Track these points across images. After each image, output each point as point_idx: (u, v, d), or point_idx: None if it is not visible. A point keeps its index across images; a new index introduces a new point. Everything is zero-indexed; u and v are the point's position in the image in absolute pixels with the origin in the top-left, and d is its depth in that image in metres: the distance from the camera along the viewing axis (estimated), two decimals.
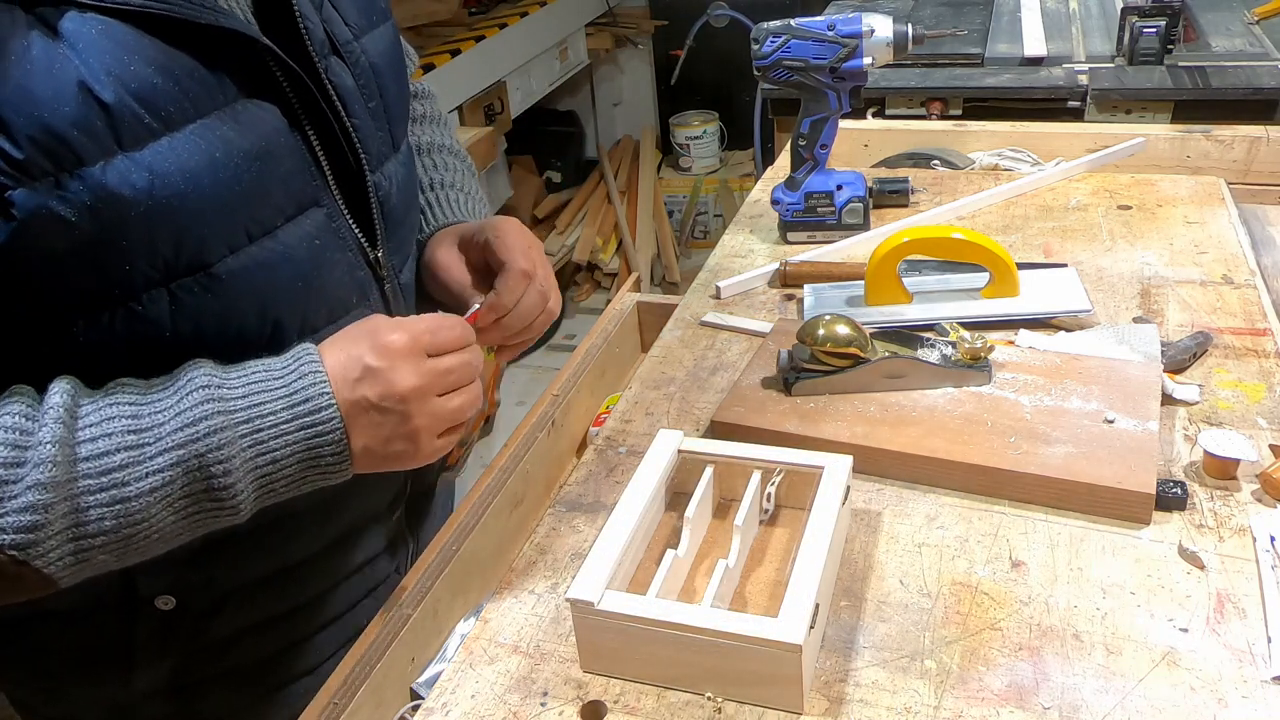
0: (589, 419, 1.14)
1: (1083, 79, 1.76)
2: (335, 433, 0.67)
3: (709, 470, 0.86)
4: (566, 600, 0.74)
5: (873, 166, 1.58)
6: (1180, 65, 1.76)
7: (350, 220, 0.77)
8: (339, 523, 0.87)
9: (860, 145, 1.61)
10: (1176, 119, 1.68)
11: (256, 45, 0.68)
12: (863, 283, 1.13)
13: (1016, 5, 2.20)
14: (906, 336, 1.01)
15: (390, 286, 0.83)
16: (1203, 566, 0.78)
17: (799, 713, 0.70)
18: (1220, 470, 0.86)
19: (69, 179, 0.60)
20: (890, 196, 1.41)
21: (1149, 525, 0.83)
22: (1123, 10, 1.85)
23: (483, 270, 0.86)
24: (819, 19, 1.23)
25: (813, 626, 0.70)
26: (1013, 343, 1.06)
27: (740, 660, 0.69)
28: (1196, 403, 0.96)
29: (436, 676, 0.78)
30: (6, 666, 0.87)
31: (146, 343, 0.67)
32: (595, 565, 0.74)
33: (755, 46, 1.25)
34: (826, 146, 1.30)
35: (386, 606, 0.82)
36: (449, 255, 0.88)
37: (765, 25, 1.24)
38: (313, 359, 0.68)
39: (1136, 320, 1.09)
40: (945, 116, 1.80)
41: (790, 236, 1.36)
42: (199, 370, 0.66)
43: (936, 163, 1.54)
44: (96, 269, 0.63)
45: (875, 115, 1.86)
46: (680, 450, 0.88)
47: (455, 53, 2.81)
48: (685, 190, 3.90)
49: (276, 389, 0.66)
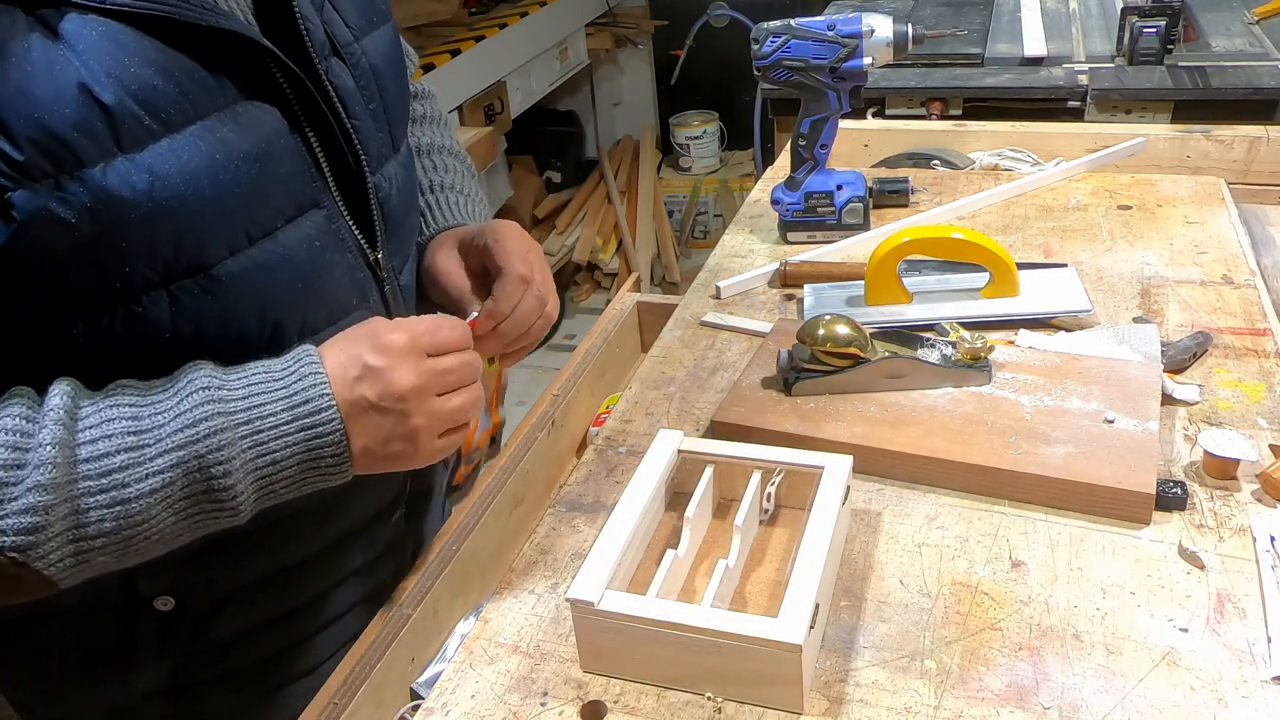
0: (589, 419, 1.14)
1: (1083, 79, 1.76)
2: (335, 434, 0.67)
3: (709, 470, 0.86)
4: (566, 600, 0.74)
5: (873, 166, 1.58)
6: (1180, 65, 1.76)
7: (350, 222, 0.77)
8: (339, 524, 0.87)
9: (860, 145, 1.61)
10: (1176, 119, 1.68)
11: (257, 47, 0.68)
12: (863, 283, 1.13)
13: (1016, 5, 2.20)
14: (906, 336, 1.01)
15: (390, 288, 0.83)
16: (1203, 566, 0.78)
17: (799, 713, 0.70)
18: (1220, 470, 0.86)
19: (69, 181, 0.60)
20: (890, 196, 1.41)
21: (1149, 525, 0.83)
22: (1123, 10, 1.85)
23: (482, 275, 0.86)
24: (819, 19, 1.24)
25: (813, 626, 0.70)
26: (1013, 343, 1.06)
27: (740, 660, 0.70)
28: (1196, 403, 0.96)
29: (436, 676, 0.78)
30: (6, 667, 0.87)
31: (146, 344, 0.67)
32: (595, 565, 0.74)
33: (755, 46, 1.25)
34: (826, 146, 1.30)
35: (386, 606, 0.82)
36: (448, 260, 0.88)
37: (765, 25, 1.24)
38: (313, 360, 0.68)
39: (1136, 320, 1.09)
40: (945, 116, 1.80)
41: (790, 236, 1.36)
42: (199, 372, 0.66)
43: (936, 163, 1.54)
44: (96, 270, 0.63)
45: (875, 115, 1.86)
46: (680, 450, 0.88)
47: (455, 53, 2.81)
48: (685, 190, 3.90)
49: (277, 390, 0.66)
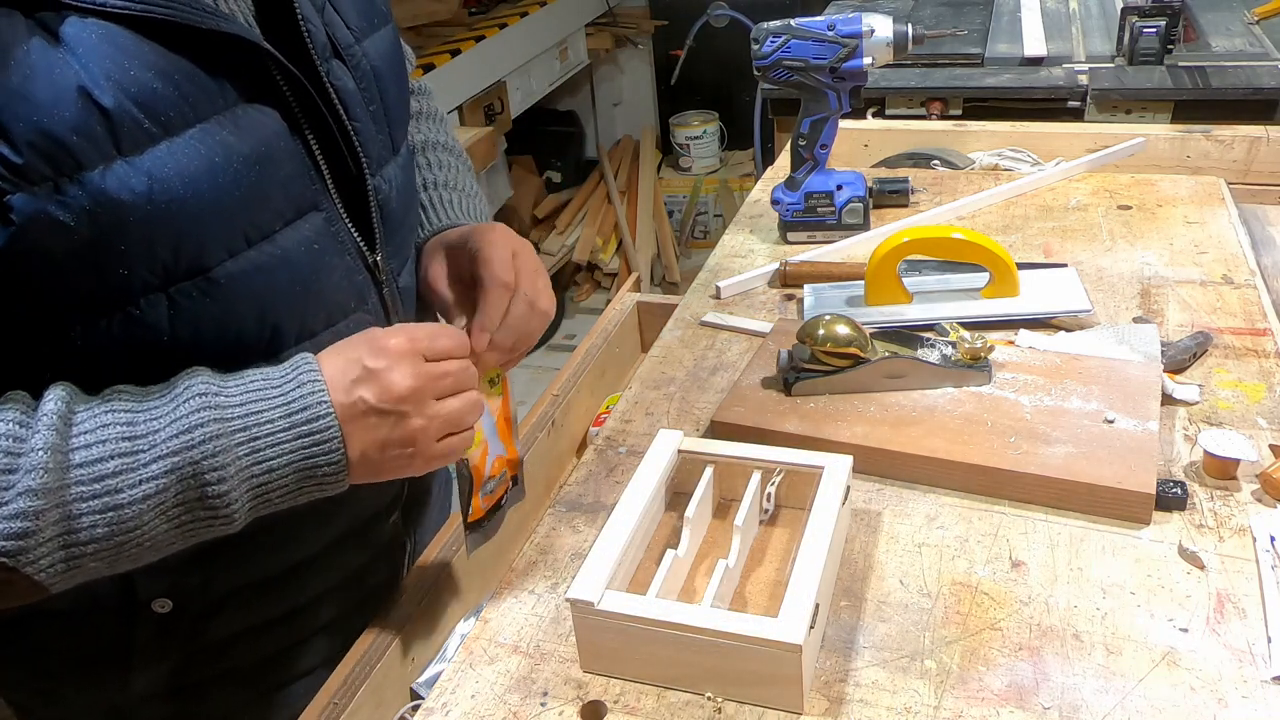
0: (589, 419, 1.14)
1: (1083, 79, 1.76)
2: (332, 441, 0.67)
3: (709, 470, 0.86)
4: (566, 600, 0.74)
5: (873, 166, 1.58)
6: (1180, 65, 1.76)
7: (349, 224, 0.77)
8: (337, 525, 0.87)
9: (860, 145, 1.61)
10: (1176, 119, 1.68)
11: (258, 50, 0.67)
12: (863, 283, 1.13)
13: (1016, 5, 2.20)
14: (906, 336, 1.01)
15: (389, 290, 0.83)
16: (1203, 566, 0.78)
17: (799, 713, 0.71)
18: (1220, 470, 0.86)
19: (68, 184, 0.60)
20: (890, 196, 1.41)
21: (1149, 525, 0.83)
22: (1123, 10, 1.85)
23: (471, 283, 0.84)
24: (819, 19, 1.24)
25: (813, 626, 0.70)
26: (1013, 343, 1.06)
27: (740, 660, 0.70)
28: (1196, 403, 0.96)
29: (436, 676, 0.78)
30: (4, 668, 0.86)
31: (145, 347, 0.67)
32: (595, 565, 0.74)
33: (755, 46, 1.25)
34: (826, 146, 1.30)
35: (386, 606, 0.82)
36: (435, 271, 0.86)
37: (765, 25, 1.25)
38: (311, 369, 0.68)
39: (1136, 320, 1.09)
40: (945, 116, 1.80)
41: (790, 236, 1.36)
42: (196, 378, 0.65)
43: (936, 163, 1.54)
44: (95, 273, 0.63)
45: (875, 115, 1.86)
46: (680, 450, 0.88)
47: (455, 53, 2.81)
48: (685, 190, 3.90)
49: (274, 398, 0.66)
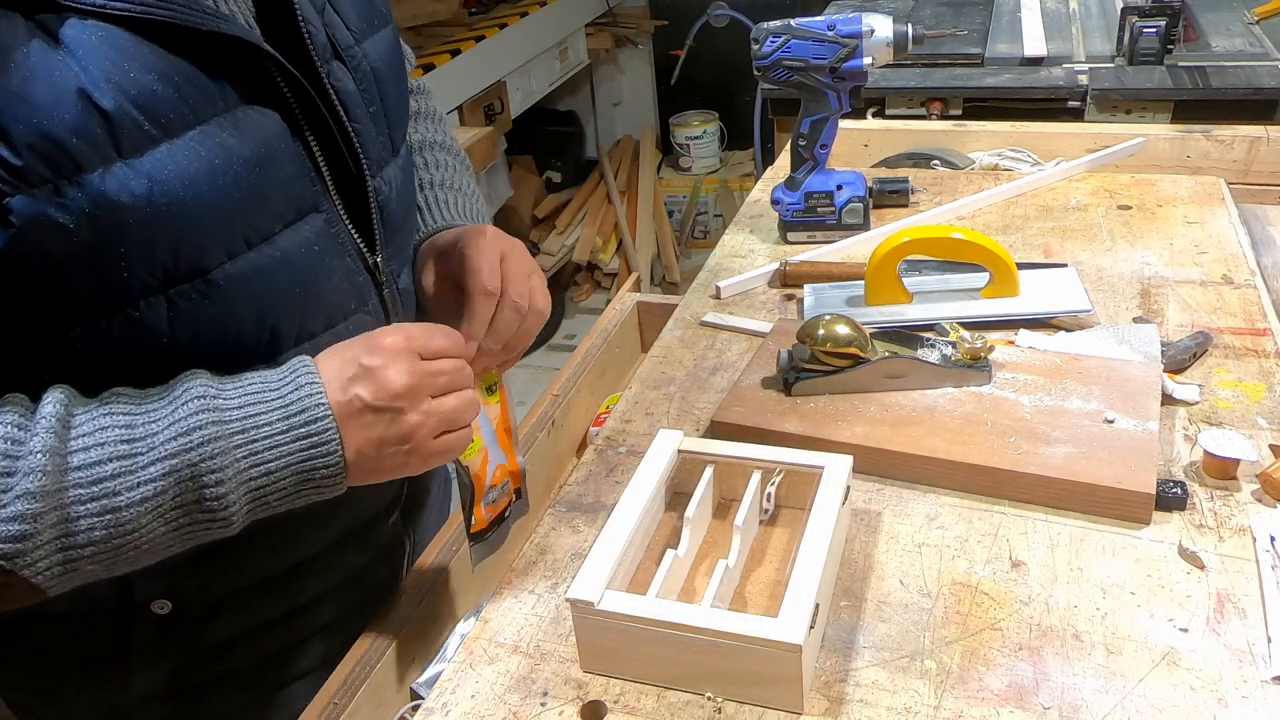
0: (589, 419, 1.14)
1: (1083, 79, 1.76)
2: (330, 444, 0.67)
3: (709, 470, 0.86)
4: (566, 600, 0.74)
5: (873, 166, 1.58)
6: (1180, 65, 1.76)
7: (349, 226, 0.77)
8: (336, 526, 0.87)
9: (860, 145, 1.61)
10: (1176, 119, 1.68)
11: (259, 51, 0.67)
12: (863, 283, 1.13)
13: (1016, 5, 2.20)
14: (906, 336, 1.01)
15: (389, 292, 0.83)
16: (1203, 566, 0.78)
17: (799, 713, 0.71)
18: (1220, 470, 0.86)
19: (68, 186, 0.60)
20: (890, 196, 1.41)
21: (1149, 525, 0.83)
22: (1123, 10, 1.85)
23: (461, 288, 0.84)
24: (819, 19, 1.24)
25: (813, 626, 0.70)
26: (1013, 343, 1.06)
27: (740, 660, 0.70)
28: (1196, 403, 0.96)
29: (436, 676, 0.78)
30: (3, 669, 0.86)
31: (144, 349, 0.67)
32: (595, 565, 0.74)
33: (755, 46, 1.25)
34: (826, 146, 1.30)
35: (386, 607, 0.82)
36: (427, 278, 0.86)
37: (765, 25, 1.25)
38: (309, 371, 0.68)
39: (1136, 320, 1.09)
40: (945, 116, 1.80)
41: (790, 236, 1.36)
42: (195, 381, 0.65)
43: (936, 163, 1.54)
44: (94, 275, 0.63)
45: (875, 115, 1.86)
46: (680, 450, 0.88)
47: (455, 53, 2.81)
48: (685, 190, 3.90)
49: (272, 400, 0.66)
